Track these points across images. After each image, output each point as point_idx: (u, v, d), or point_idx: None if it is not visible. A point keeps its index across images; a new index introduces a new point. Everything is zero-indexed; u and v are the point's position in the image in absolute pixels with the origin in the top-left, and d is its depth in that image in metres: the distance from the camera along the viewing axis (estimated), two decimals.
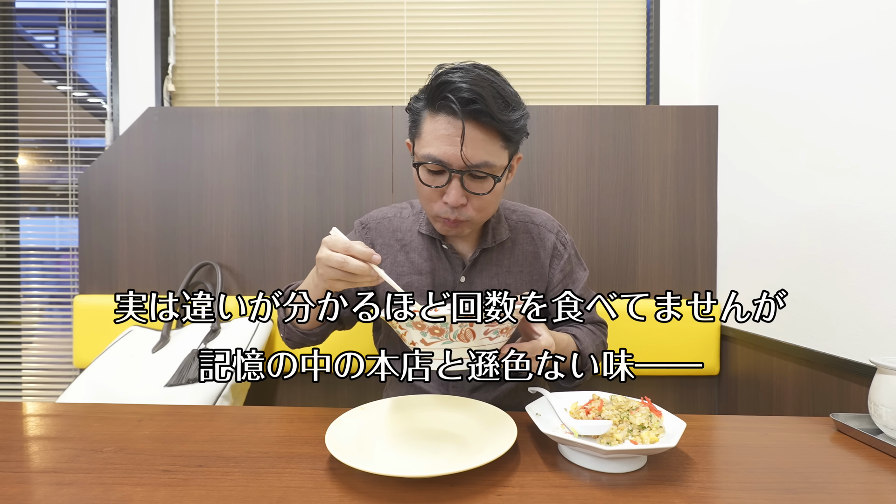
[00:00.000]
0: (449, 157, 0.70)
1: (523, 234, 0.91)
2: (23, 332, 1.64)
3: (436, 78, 0.71)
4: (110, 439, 0.62)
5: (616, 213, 1.41)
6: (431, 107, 0.71)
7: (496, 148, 0.72)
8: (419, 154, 0.74)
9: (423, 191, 0.76)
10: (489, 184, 0.73)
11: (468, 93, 0.67)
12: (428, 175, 0.74)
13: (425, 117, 0.73)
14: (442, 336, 0.57)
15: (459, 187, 0.72)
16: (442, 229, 0.80)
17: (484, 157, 0.71)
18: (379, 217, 0.93)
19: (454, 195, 0.72)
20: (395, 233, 0.90)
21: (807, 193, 1.03)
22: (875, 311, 0.86)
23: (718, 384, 1.41)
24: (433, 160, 0.71)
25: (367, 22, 1.61)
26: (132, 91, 1.58)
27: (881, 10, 0.85)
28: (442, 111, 0.70)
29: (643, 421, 0.56)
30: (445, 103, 0.68)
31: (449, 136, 0.70)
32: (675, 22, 1.54)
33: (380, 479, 0.50)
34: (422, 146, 0.73)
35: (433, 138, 0.71)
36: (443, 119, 0.70)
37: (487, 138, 0.70)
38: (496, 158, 0.72)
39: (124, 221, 1.42)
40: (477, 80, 0.68)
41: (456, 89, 0.67)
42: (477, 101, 0.67)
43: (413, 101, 0.76)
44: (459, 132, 0.69)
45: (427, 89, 0.72)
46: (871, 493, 0.51)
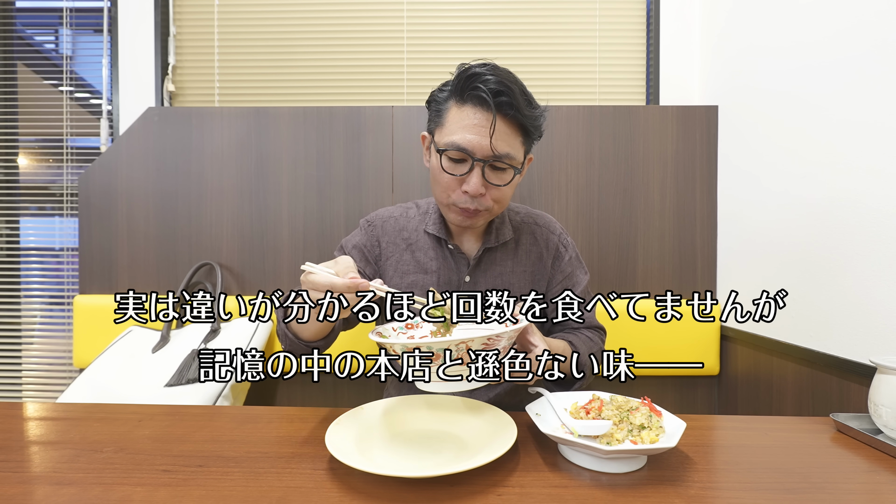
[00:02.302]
0: (473, 146, 0.72)
1: (526, 234, 0.92)
2: (23, 332, 1.64)
3: (465, 71, 0.73)
4: (110, 439, 0.62)
5: (616, 213, 1.41)
6: (459, 97, 0.74)
7: (517, 142, 0.75)
8: (442, 142, 0.76)
9: (443, 179, 0.77)
10: (509, 175, 0.76)
11: (497, 84, 0.70)
12: (449, 163, 0.76)
13: (450, 107, 0.75)
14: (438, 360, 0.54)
15: (480, 176, 0.74)
16: (456, 219, 0.81)
17: (507, 148, 0.73)
18: (385, 216, 0.93)
19: (475, 183, 0.74)
20: (402, 232, 0.91)
21: (807, 193, 1.03)
22: (875, 311, 0.86)
23: (718, 384, 1.41)
24: (457, 148, 0.73)
25: (367, 22, 1.61)
26: (132, 91, 1.58)
27: (880, 10, 0.85)
28: (469, 101, 0.72)
29: (643, 421, 0.56)
30: (476, 93, 0.71)
31: (475, 125, 0.72)
32: (675, 22, 1.54)
33: (380, 479, 0.50)
34: (445, 135, 0.75)
35: (459, 127, 0.73)
36: (469, 109, 0.72)
37: (510, 131, 0.73)
38: (516, 152, 0.75)
39: (124, 221, 1.42)
40: (505, 76, 0.72)
41: (486, 80, 0.70)
42: (506, 93, 0.70)
43: (436, 92, 0.79)
44: (486, 122, 0.71)
45: (454, 81, 0.75)
46: (871, 493, 0.51)
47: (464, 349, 0.54)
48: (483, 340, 0.54)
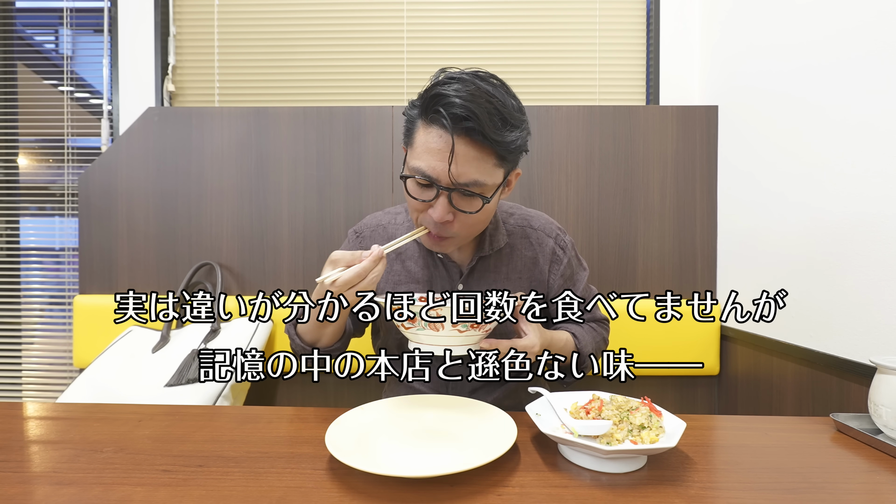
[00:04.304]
0: (437, 173, 0.67)
1: (521, 239, 0.88)
2: (23, 332, 1.64)
3: (431, 88, 0.67)
4: (110, 439, 0.62)
5: (616, 213, 1.41)
6: (424, 117, 0.68)
7: (488, 166, 0.68)
8: (409, 166, 0.71)
9: (411, 203, 0.74)
10: (477, 203, 0.70)
11: (461, 109, 0.63)
12: (416, 188, 0.71)
13: (419, 127, 0.70)
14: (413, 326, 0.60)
15: (446, 204, 0.69)
16: (426, 243, 0.78)
17: (474, 175, 0.67)
18: (373, 225, 0.91)
19: (440, 211, 0.69)
20: (390, 239, 0.88)
21: (807, 193, 1.03)
22: (875, 311, 0.86)
23: (718, 384, 1.41)
24: (421, 174, 0.68)
25: (367, 22, 1.61)
26: (132, 91, 1.58)
27: (881, 10, 0.85)
28: (434, 124, 0.67)
29: (643, 421, 0.56)
30: (437, 117, 0.65)
31: (439, 150, 0.66)
32: (675, 22, 1.54)
33: (380, 479, 0.50)
34: (412, 157, 0.71)
35: (423, 151, 0.68)
36: (434, 132, 0.67)
37: (480, 156, 0.67)
38: (487, 177, 0.69)
39: (124, 221, 1.42)
40: (473, 95, 0.64)
41: (449, 104, 0.64)
42: (470, 118, 0.63)
43: (409, 107, 0.73)
44: (449, 148, 0.65)
45: (421, 98, 0.69)
46: (871, 493, 0.51)
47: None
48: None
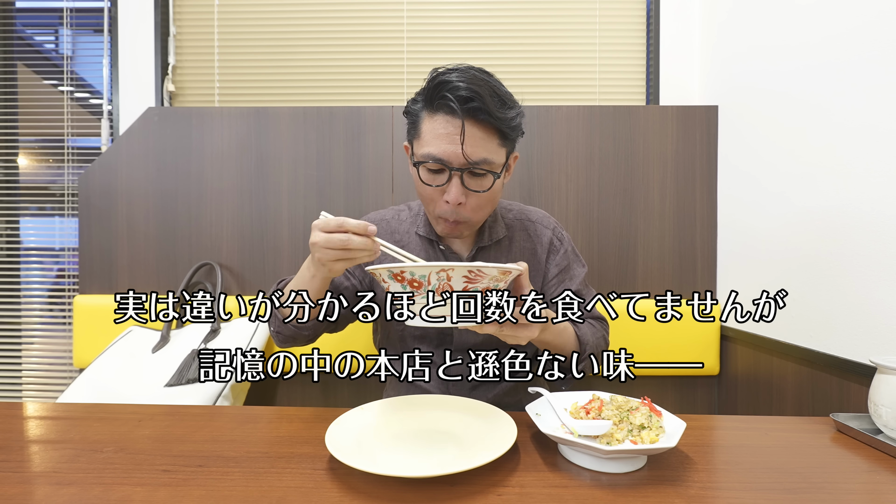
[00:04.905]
0: (448, 155, 0.72)
1: (520, 231, 0.92)
2: (23, 332, 1.64)
3: (433, 79, 0.72)
4: (110, 439, 0.62)
5: (616, 213, 1.41)
6: (430, 107, 0.73)
7: (494, 146, 0.74)
8: (419, 154, 0.75)
9: (424, 191, 0.78)
10: (489, 181, 0.75)
11: (466, 91, 0.68)
12: (428, 174, 0.76)
13: (423, 118, 0.75)
14: (421, 289, 0.58)
15: (460, 185, 0.74)
16: (443, 231, 0.81)
17: (483, 154, 0.72)
18: (376, 219, 0.94)
19: (454, 192, 0.73)
20: (393, 234, 0.91)
21: (807, 193, 1.03)
22: (875, 311, 0.86)
23: (718, 384, 1.41)
24: (433, 159, 0.73)
25: (367, 22, 1.61)
26: (132, 91, 1.58)
27: (881, 10, 0.85)
28: (440, 110, 0.72)
29: (643, 421, 0.56)
30: (444, 102, 0.70)
31: (448, 134, 0.71)
32: (675, 22, 1.54)
33: (380, 479, 0.50)
34: (421, 146, 0.75)
35: (432, 137, 0.73)
36: (441, 118, 0.72)
37: (486, 136, 0.72)
38: (494, 156, 0.74)
39: (124, 221, 1.42)
40: (474, 80, 0.70)
41: (454, 88, 0.69)
42: (475, 98, 0.69)
43: (410, 103, 0.78)
44: (458, 130, 0.70)
45: (424, 91, 0.74)
46: (871, 493, 0.51)
47: (445, 279, 0.55)
48: (464, 272, 0.55)
